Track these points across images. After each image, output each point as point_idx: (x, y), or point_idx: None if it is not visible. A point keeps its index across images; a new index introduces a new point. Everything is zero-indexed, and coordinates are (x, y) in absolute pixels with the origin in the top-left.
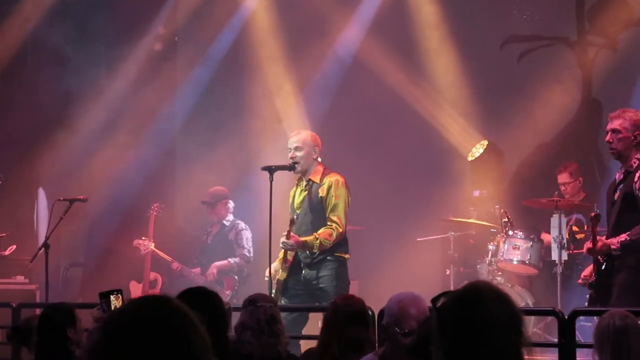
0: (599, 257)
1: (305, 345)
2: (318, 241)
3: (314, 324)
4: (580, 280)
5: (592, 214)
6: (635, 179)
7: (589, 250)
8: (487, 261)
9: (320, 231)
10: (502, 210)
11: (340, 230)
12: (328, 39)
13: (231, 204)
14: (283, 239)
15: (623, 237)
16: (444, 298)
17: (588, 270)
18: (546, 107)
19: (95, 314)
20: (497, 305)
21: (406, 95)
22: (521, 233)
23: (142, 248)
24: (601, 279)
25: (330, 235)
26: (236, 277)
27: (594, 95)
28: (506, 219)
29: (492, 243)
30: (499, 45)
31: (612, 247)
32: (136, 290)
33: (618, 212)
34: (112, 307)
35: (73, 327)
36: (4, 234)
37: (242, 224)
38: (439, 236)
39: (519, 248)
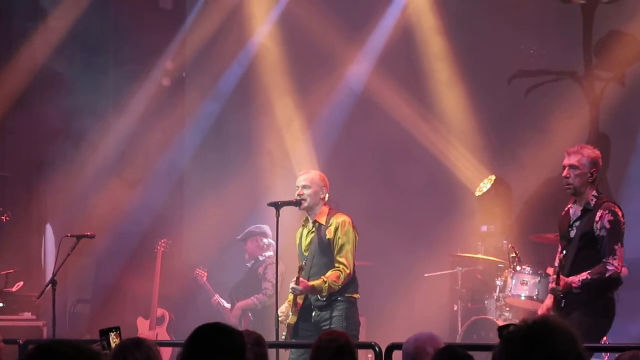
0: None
1: None
2: (327, 284)
3: None
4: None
5: (561, 255)
6: (597, 219)
7: (552, 289)
8: (495, 297)
9: (327, 274)
10: (509, 246)
11: (348, 271)
12: (336, 73)
13: (265, 241)
14: (292, 284)
15: (584, 275)
16: (511, 328)
17: (545, 307)
18: (553, 141)
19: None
20: (564, 341)
21: (414, 130)
22: (529, 268)
23: (199, 278)
24: (560, 315)
25: (338, 277)
26: (250, 316)
27: (602, 130)
28: (514, 254)
29: (499, 278)
30: (507, 80)
31: (574, 285)
32: (143, 326)
33: (577, 249)
34: (112, 344)
35: None
36: (11, 270)
37: (272, 257)
38: (446, 272)
39: (526, 283)
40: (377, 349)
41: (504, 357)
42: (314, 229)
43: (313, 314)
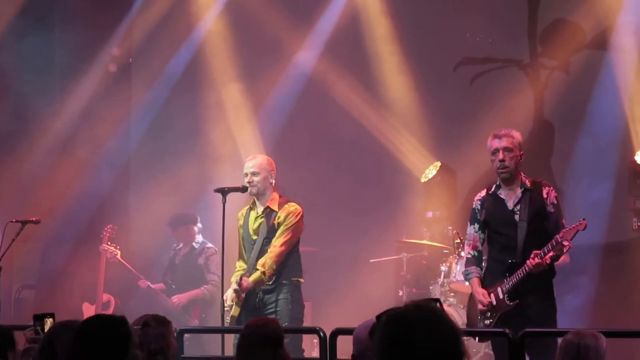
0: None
1: None
2: (265, 275)
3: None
4: (486, 302)
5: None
6: (545, 195)
7: (537, 265)
8: (440, 282)
9: (260, 261)
10: (454, 232)
11: (279, 254)
12: (284, 59)
13: (196, 228)
14: (235, 286)
15: (550, 252)
16: (383, 317)
17: (484, 294)
18: (499, 128)
19: (28, 334)
20: (423, 330)
21: (360, 116)
22: None
23: (108, 255)
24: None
25: (274, 262)
26: (199, 304)
27: (546, 118)
28: (458, 240)
29: (444, 264)
30: (453, 68)
31: (547, 262)
32: (89, 311)
33: (527, 231)
34: (46, 330)
35: (12, 350)
36: None
37: (212, 249)
38: (392, 257)
39: None
40: (321, 334)
41: (376, 345)
42: (263, 215)
43: (258, 297)
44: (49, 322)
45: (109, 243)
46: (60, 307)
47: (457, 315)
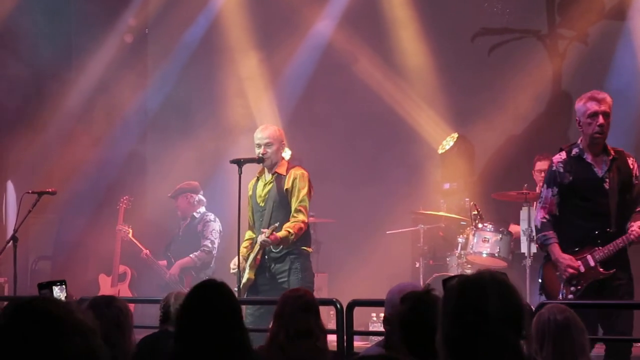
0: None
1: None
2: (292, 236)
3: None
4: (576, 266)
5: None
6: (630, 166)
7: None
8: (457, 254)
9: (289, 225)
10: (472, 203)
11: (307, 220)
12: (301, 29)
13: (196, 198)
14: (263, 237)
15: None
16: (453, 281)
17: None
18: (516, 100)
19: None
20: (497, 298)
21: (377, 88)
22: (490, 226)
23: (122, 234)
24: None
25: (300, 229)
26: (193, 273)
27: (564, 88)
28: (476, 212)
29: (461, 236)
30: (470, 39)
31: None
32: (105, 283)
33: (618, 200)
34: (58, 297)
35: None
36: None
37: (211, 216)
38: (408, 229)
39: (488, 241)
40: (338, 305)
41: (442, 310)
42: (272, 180)
43: (269, 267)
44: (57, 290)
45: (123, 224)
46: (76, 278)
47: None
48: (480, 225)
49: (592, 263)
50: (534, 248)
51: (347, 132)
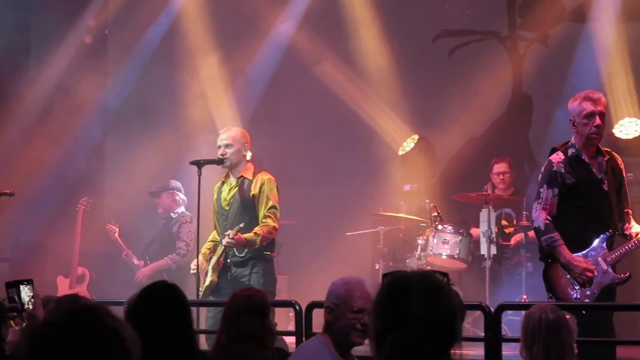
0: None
1: None
2: (259, 237)
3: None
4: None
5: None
6: (620, 164)
7: None
8: (417, 255)
9: (257, 228)
10: (432, 205)
11: (277, 226)
12: (261, 31)
13: (179, 196)
14: (227, 239)
15: None
16: (389, 277)
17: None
18: (477, 101)
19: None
20: (421, 300)
21: (339, 89)
22: (450, 227)
23: (110, 233)
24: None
25: (270, 232)
26: (165, 276)
27: (525, 90)
28: (436, 213)
29: (421, 237)
30: (431, 40)
31: None
32: (63, 285)
33: (616, 200)
34: (26, 297)
35: (4, 324)
36: None
37: (187, 216)
38: (368, 230)
39: (448, 242)
40: (297, 307)
41: (373, 305)
42: (237, 184)
43: (231, 271)
44: (26, 289)
45: (112, 222)
46: (35, 279)
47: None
48: (440, 227)
49: (604, 267)
50: (493, 249)
51: (308, 133)
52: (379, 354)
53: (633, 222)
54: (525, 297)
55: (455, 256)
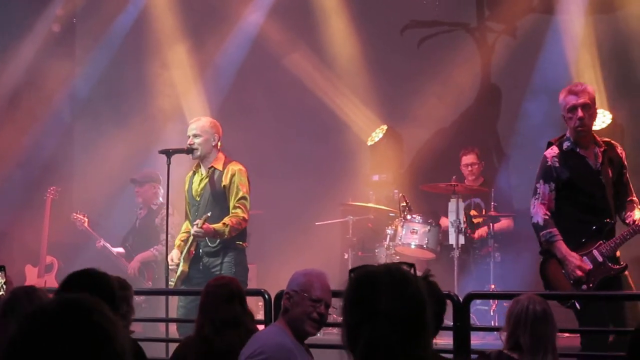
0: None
1: None
2: (228, 228)
3: None
4: (587, 269)
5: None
6: (620, 154)
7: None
8: (386, 245)
9: (226, 219)
10: (400, 195)
11: (247, 217)
12: (230, 20)
13: (161, 190)
14: (196, 228)
15: None
16: (356, 273)
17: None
18: (446, 92)
19: None
20: (389, 295)
21: (307, 79)
22: (419, 217)
23: (78, 223)
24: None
25: (239, 223)
26: (154, 266)
27: (493, 81)
28: (404, 204)
29: (390, 227)
30: (400, 31)
31: None
32: (32, 274)
33: (614, 192)
34: None
35: None
36: None
37: (171, 209)
38: (337, 220)
39: (416, 232)
40: (266, 296)
41: (344, 299)
42: (208, 175)
43: (203, 260)
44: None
45: (78, 212)
46: None
47: None
48: (408, 217)
49: (600, 259)
50: (462, 239)
51: (277, 124)
52: (353, 353)
53: (636, 210)
54: (493, 286)
55: (424, 246)
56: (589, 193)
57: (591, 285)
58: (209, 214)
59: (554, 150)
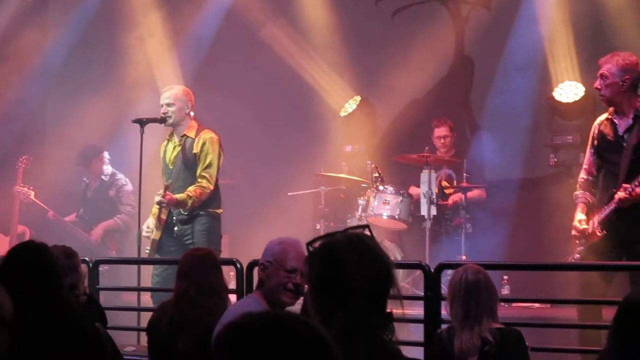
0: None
1: None
2: (191, 200)
3: None
4: (580, 229)
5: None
6: None
7: (624, 200)
8: (358, 216)
9: (191, 189)
10: (373, 166)
11: (211, 187)
12: None
13: (106, 156)
14: (159, 198)
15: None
16: (320, 242)
17: (590, 222)
18: (419, 64)
19: None
20: (358, 262)
21: (281, 49)
22: (391, 188)
23: (22, 196)
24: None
25: (201, 194)
26: (117, 236)
27: (467, 53)
28: (377, 174)
29: (362, 198)
30: (375, 1)
31: (633, 196)
32: (3, 243)
33: (631, 159)
34: None
35: None
36: None
37: (122, 179)
38: (310, 190)
39: (388, 203)
40: (238, 265)
41: (308, 271)
42: (180, 143)
43: (175, 228)
44: None
45: (22, 184)
46: None
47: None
48: (381, 188)
49: (595, 224)
50: (434, 210)
51: (250, 94)
52: (328, 329)
53: (634, 183)
54: (464, 257)
55: (396, 217)
56: (609, 159)
57: (582, 247)
58: (169, 182)
59: (601, 117)
